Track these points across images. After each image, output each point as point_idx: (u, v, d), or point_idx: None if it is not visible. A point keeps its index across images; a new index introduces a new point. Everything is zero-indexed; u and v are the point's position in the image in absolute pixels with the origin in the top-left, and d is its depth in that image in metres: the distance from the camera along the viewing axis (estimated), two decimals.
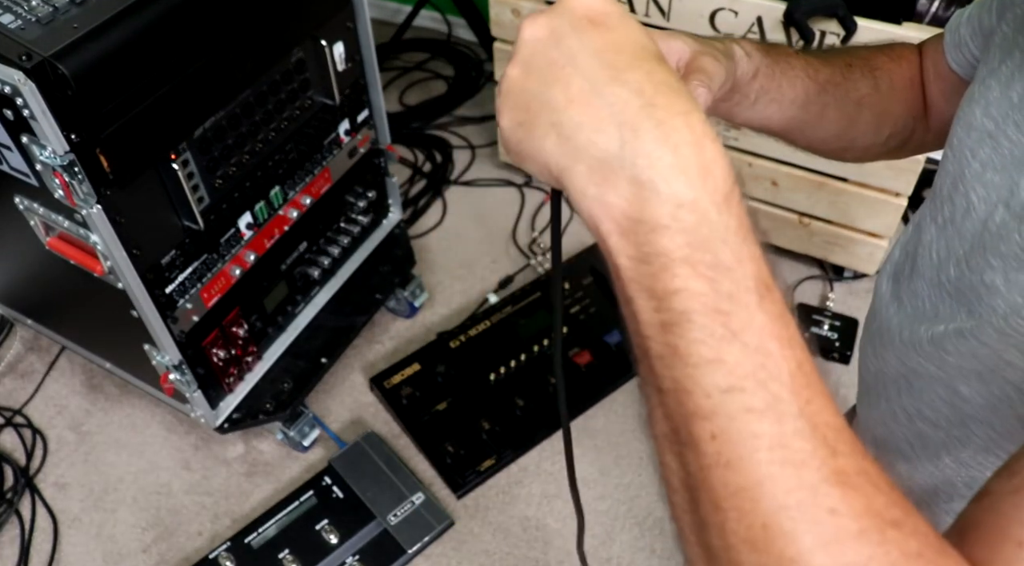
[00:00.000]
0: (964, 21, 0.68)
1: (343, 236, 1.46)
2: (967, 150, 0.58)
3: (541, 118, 0.38)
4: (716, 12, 1.40)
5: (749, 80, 0.62)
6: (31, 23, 0.87)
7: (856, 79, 0.71)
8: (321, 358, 1.47)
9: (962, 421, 0.58)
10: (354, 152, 1.40)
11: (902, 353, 0.62)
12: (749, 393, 0.34)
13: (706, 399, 0.34)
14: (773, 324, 0.35)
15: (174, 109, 0.99)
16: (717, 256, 0.35)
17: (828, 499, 0.33)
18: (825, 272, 1.72)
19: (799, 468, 0.34)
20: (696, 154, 0.35)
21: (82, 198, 0.95)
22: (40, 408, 1.55)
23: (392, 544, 1.31)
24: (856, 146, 0.76)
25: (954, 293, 0.57)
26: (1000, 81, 0.57)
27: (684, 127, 0.35)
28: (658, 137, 0.35)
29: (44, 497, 1.42)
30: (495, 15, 1.64)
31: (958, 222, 0.57)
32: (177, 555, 1.35)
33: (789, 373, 0.35)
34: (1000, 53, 0.59)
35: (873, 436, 0.71)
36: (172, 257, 1.12)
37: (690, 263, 0.35)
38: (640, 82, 0.36)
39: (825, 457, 0.34)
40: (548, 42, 0.39)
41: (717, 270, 0.35)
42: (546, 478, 1.43)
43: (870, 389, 0.71)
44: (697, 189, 0.35)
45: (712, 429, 0.34)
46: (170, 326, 1.15)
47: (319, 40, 1.21)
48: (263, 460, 1.47)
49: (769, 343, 0.35)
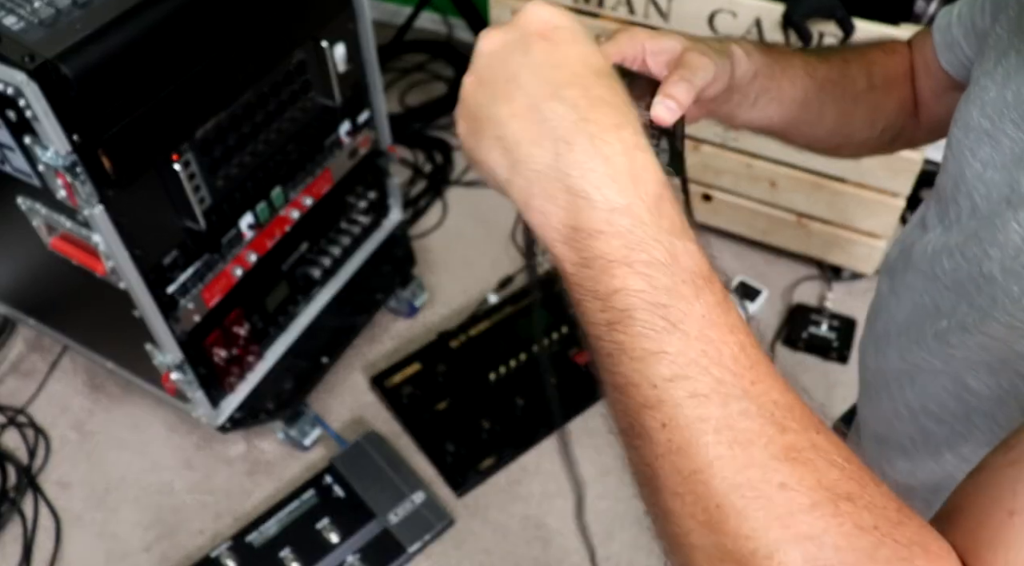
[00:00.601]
0: (955, 22, 0.68)
1: (344, 236, 1.46)
2: (967, 150, 0.58)
3: (488, 131, 0.41)
4: (715, 13, 1.41)
5: (750, 80, 0.62)
6: (34, 25, 0.88)
7: (853, 75, 0.72)
8: (322, 358, 1.47)
9: (967, 415, 0.58)
10: (355, 153, 1.40)
11: (905, 349, 0.63)
12: (693, 379, 0.36)
13: (652, 389, 0.36)
14: (712, 312, 0.37)
15: (176, 110, 1.00)
16: (652, 254, 0.37)
17: (778, 475, 0.34)
18: (823, 272, 1.72)
19: (747, 447, 0.35)
20: (627, 163, 0.38)
21: (84, 199, 0.96)
22: (43, 407, 1.56)
23: (393, 543, 1.32)
24: (852, 142, 0.76)
25: (952, 286, 0.57)
26: (995, 81, 0.57)
27: (616, 140, 0.38)
28: (590, 149, 0.38)
29: (47, 496, 1.43)
30: (495, 16, 1.65)
31: (964, 222, 0.58)
32: (179, 553, 1.36)
33: (731, 357, 0.37)
34: (995, 54, 0.59)
35: (875, 434, 0.71)
36: (174, 257, 1.12)
37: (627, 263, 0.37)
38: (576, 98, 0.39)
39: (773, 435, 0.35)
40: (499, 57, 0.41)
41: (653, 267, 0.37)
42: (546, 477, 1.43)
43: (870, 387, 0.71)
44: (629, 195, 0.37)
45: (661, 418, 0.36)
46: (172, 326, 1.15)
47: (320, 41, 1.21)
48: (264, 459, 1.47)
49: (709, 330, 0.37)
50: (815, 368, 1.56)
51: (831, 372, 1.55)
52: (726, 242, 1.78)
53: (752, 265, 1.75)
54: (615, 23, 1.53)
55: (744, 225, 1.72)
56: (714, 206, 1.71)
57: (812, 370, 1.56)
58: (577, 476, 0.61)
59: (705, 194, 1.70)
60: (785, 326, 1.63)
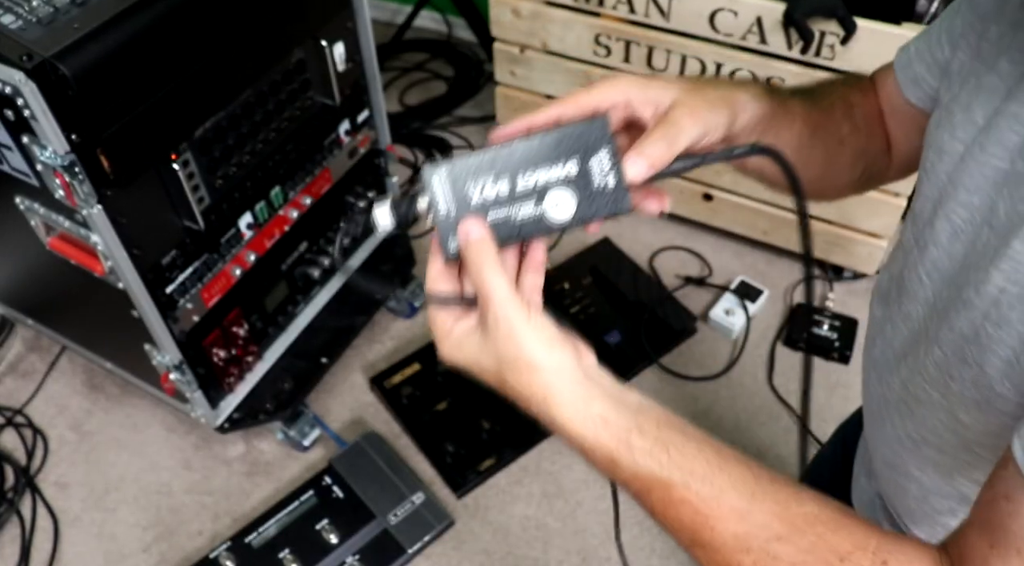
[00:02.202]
0: (915, 58, 0.68)
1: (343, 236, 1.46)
2: (943, 174, 0.58)
3: (483, 376, 0.53)
4: (716, 12, 1.40)
5: (750, 131, 0.60)
6: (32, 24, 0.87)
7: (838, 119, 0.72)
8: (321, 358, 1.47)
9: (967, 447, 0.58)
10: (354, 152, 1.40)
11: (907, 378, 0.62)
12: None
13: None
14: None
15: (175, 109, 0.99)
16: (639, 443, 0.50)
17: None
18: (825, 272, 1.72)
19: None
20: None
21: (83, 198, 0.95)
22: (41, 408, 1.55)
23: (392, 544, 1.31)
24: (835, 185, 0.76)
25: (945, 315, 0.57)
26: (961, 106, 0.58)
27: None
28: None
29: (45, 497, 1.43)
30: (495, 15, 1.64)
31: (945, 245, 0.58)
32: (178, 554, 1.36)
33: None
34: (959, 79, 0.60)
35: (883, 457, 0.71)
36: (172, 257, 1.12)
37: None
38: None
39: None
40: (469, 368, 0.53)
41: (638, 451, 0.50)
42: (546, 478, 1.43)
43: (874, 414, 0.71)
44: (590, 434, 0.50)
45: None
46: (171, 326, 1.15)
47: (319, 40, 1.21)
48: (263, 460, 1.47)
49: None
50: (816, 368, 1.56)
51: (832, 372, 1.55)
52: (727, 242, 1.78)
53: (753, 265, 1.74)
54: (615, 22, 1.53)
55: (745, 225, 1.72)
56: (714, 206, 1.70)
57: (813, 370, 1.55)
58: (617, 494, 0.64)
59: (706, 194, 1.69)
60: (786, 326, 1.62)
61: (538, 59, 1.67)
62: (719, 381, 1.55)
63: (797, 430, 1.46)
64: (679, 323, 1.61)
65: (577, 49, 1.60)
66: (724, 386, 1.54)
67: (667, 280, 1.71)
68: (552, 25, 1.59)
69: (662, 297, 1.66)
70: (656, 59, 1.52)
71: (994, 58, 0.56)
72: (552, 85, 1.70)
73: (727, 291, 1.66)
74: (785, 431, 1.46)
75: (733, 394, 1.53)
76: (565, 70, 1.65)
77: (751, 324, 1.63)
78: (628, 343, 1.58)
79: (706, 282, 1.71)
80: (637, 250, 1.75)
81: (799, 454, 0.62)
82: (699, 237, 1.78)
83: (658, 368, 1.56)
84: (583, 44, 1.59)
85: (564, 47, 1.62)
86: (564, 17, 1.56)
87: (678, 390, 1.54)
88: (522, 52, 1.67)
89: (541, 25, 1.60)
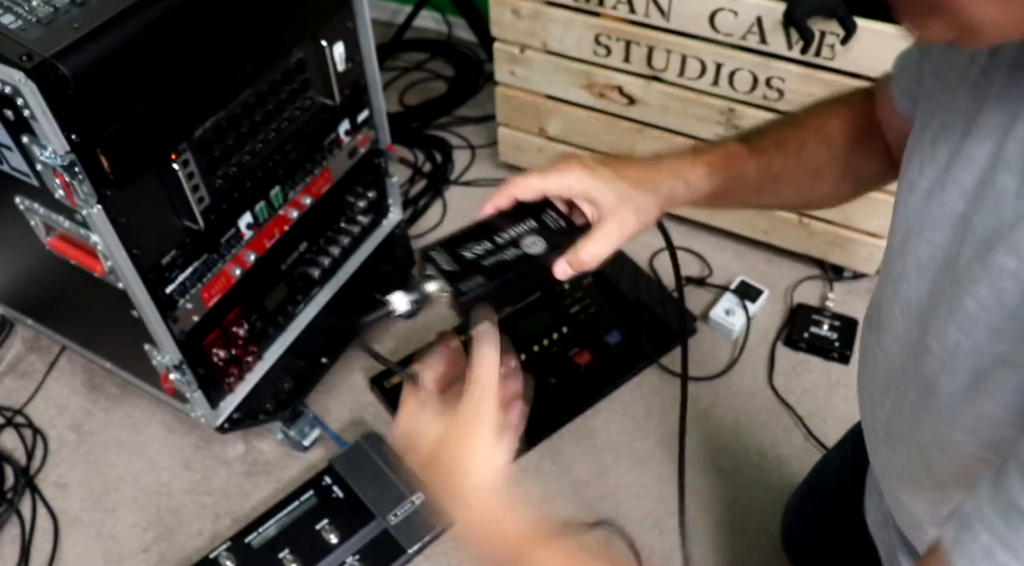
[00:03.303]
0: (906, 68, 0.68)
1: (343, 236, 1.46)
2: (911, 208, 0.58)
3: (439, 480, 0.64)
4: (716, 12, 1.40)
5: (699, 199, 0.70)
6: (32, 23, 0.87)
7: (810, 154, 0.74)
8: (321, 358, 1.47)
9: (959, 478, 0.57)
10: (354, 152, 1.40)
11: (891, 413, 0.62)
12: None
13: None
14: None
15: (174, 109, 0.99)
16: None
17: None
18: (825, 272, 1.72)
19: None
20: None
21: (82, 198, 0.95)
22: (40, 408, 1.55)
23: (392, 544, 1.31)
24: (823, 204, 0.81)
25: (915, 357, 0.56)
26: (929, 139, 0.57)
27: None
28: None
29: (44, 497, 1.43)
30: (495, 15, 1.64)
31: (913, 280, 0.57)
32: (177, 555, 1.36)
33: None
34: (929, 106, 0.60)
35: (880, 479, 0.71)
36: (172, 257, 1.12)
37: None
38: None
39: None
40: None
41: None
42: (546, 478, 1.43)
43: (868, 438, 0.71)
44: None
45: None
46: (170, 326, 1.15)
47: (319, 40, 1.21)
48: (263, 460, 1.47)
49: None
50: (816, 368, 1.56)
51: (832, 372, 1.55)
52: (727, 242, 1.78)
53: (753, 265, 1.74)
54: (616, 22, 1.53)
55: (745, 225, 1.72)
56: None
57: (813, 370, 1.55)
58: (687, 542, 0.70)
59: None
60: (786, 326, 1.62)
61: (538, 59, 1.67)
62: (719, 381, 1.55)
63: (797, 430, 1.46)
64: (679, 323, 1.61)
65: (577, 49, 1.60)
66: (724, 386, 1.54)
67: (667, 280, 1.71)
68: (552, 25, 1.59)
69: (662, 297, 1.66)
70: (656, 59, 1.52)
71: (955, 89, 0.55)
72: (552, 85, 1.70)
73: (727, 291, 1.66)
74: (785, 431, 1.46)
75: (733, 394, 1.53)
76: (565, 70, 1.65)
77: (751, 324, 1.63)
78: (628, 343, 1.58)
79: (706, 282, 1.71)
80: (637, 250, 1.75)
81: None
82: (699, 237, 1.78)
83: (658, 368, 1.56)
84: (583, 44, 1.58)
85: (564, 47, 1.62)
86: (564, 17, 1.56)
87: (678, 390, 1.54)
88: (522, 52, 1.67)
89: (541, 25, 1.60)
